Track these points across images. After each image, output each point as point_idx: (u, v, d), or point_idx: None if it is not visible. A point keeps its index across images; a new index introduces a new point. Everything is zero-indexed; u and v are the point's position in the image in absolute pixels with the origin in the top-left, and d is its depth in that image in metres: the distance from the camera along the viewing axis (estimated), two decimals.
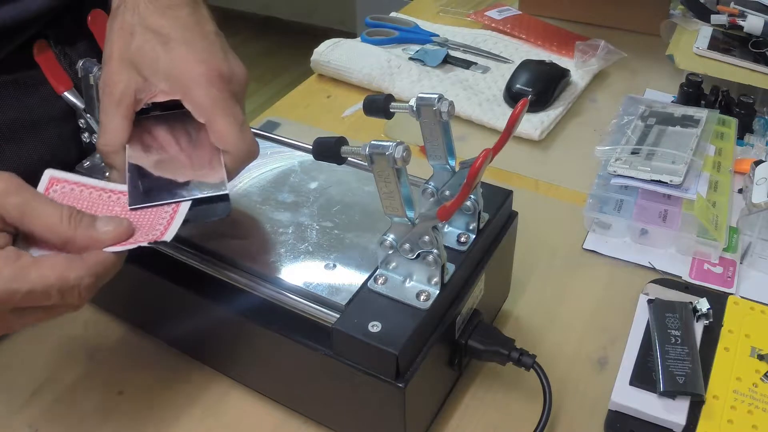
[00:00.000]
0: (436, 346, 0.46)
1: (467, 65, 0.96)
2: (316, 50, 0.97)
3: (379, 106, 0.49)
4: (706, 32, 0.91)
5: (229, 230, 0.53)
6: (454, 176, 0.50)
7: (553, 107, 0.86)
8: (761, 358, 0.53)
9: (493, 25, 1.05)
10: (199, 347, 0.56)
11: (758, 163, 0.69)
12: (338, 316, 0.45)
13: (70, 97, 0.61)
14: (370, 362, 0.44)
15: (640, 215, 0.67)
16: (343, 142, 0.45)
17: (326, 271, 0.49)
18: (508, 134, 0.45)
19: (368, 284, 0.46)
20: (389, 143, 0.41)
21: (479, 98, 0.88)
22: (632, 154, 0.70)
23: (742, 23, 0.89)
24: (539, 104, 0.85)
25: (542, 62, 0.91)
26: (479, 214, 0.50)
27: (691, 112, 0.76)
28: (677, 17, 0.97)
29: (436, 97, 0.46)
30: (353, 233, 0.52)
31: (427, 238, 0.44)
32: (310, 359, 0.46)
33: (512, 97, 0.87)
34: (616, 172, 0.69)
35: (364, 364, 0.44)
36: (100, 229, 0.43)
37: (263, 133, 0.64)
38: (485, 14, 1.08)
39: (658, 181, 0.67)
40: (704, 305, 0.55)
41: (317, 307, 0.46)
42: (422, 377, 0.45)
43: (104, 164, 0.52)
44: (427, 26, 1.06)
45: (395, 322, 0.44)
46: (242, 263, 0.50)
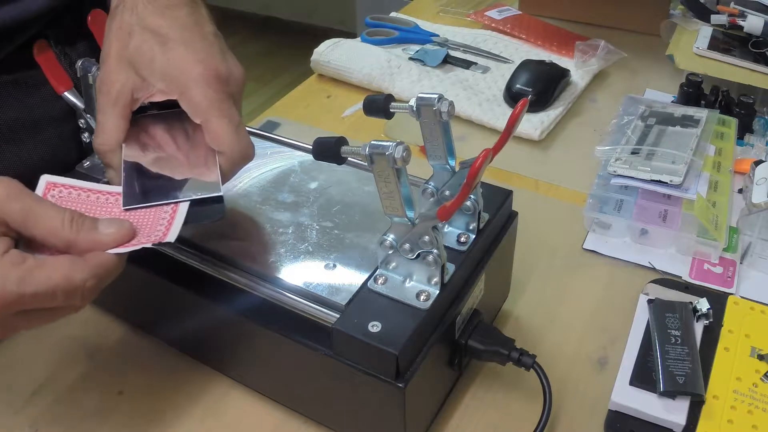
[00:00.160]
0: (436, 346, 0.46)
1: (467, 65, 0.96)
2: (316, 50, 0.97)
3: (379, 106, 0.49)
4: (706, 32, 0.91)
5: (229, 230, 0.53)
6: (454, 176, 0.50)
7: (553, 107, 0.86)
8: (761, 358, 0.53)
9: (493, 25, 1.05)
10: (199, 347, 0.56)
11: (758, 163, 0.69)
12: (338, 316, 0.45)
13: (70, 97, 0.61)
14: (370, 362, 0.44)
15: (640, 215, 0.67)
16: (343, 142, 0.45)
17: (326, 271, 0.49)
18: (508, 134, 0.45)
19: (368, 284, 0.46)
20: (389, 143, 0.41)
21: (479, 98, 0.88)
22: (632, 154, 0.70)
23: (742, 23, 0.89)
24: (539, 104, 0.85)
25: (542, 62, 0.91)
26: (479, 214, 0.50)
27: (691, 112, 0.76)
28: (677, 17, 0.97)
29: (436, 97, 0.46)
30: (353, 233, 0.52)
31: (427, 238, 0.44)
32: (310, 359, 0.46)
33: (512, 97, 0.87)
34: (616, 172, 0.69)
35: (364, 364, 0.44)
36: (102, 231, 0.43)
37: (263, 133, 0.64)
38: (485, 14, 1.08)
39: (658, 181, 0.67)
40: (704, 305, 0.55)
41: (317, 307, 0.46)
42: (422, 377, 0.45)
43: (101, 163, 0.52)
44: (427, 26, 1.06)
45: (395, 322, 0.44)
46: (242, 263, 0.50)
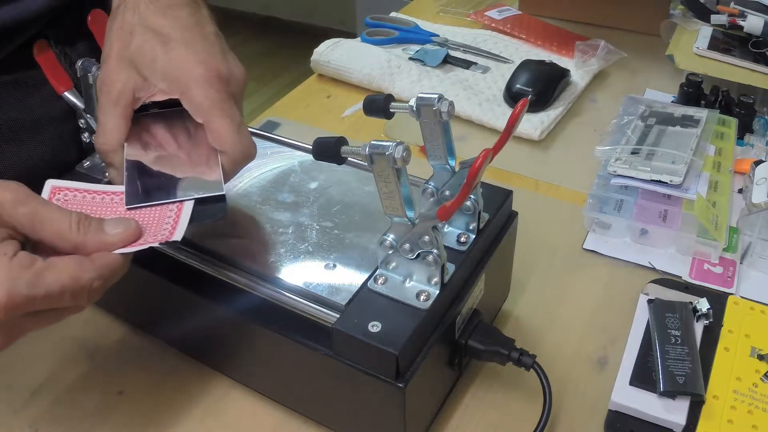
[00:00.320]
0: (436, 346, 0.46)
1: (467, 65, 0.96)
2: (316, 50, 0.97)
3: (379, 106, 0.49)
4: (706, 32, 0.91)
5: (229, 230, 0.53)
6: (454, 176, 0.50)
7: (553, 107, 0.86)
8: (761, 358, 0.53)
9: (493, 25, 1.05)
10: (199, 347, 0.56)
11: (758, 163, 0.69)
12: (338, 316, 0.45)
13: (70, 97, 0.61)
14: (370, 362, 0.44)
15: (640, 215, 0.67)
16: (343, 142, 0.45)
17: (326, 271, 0.49)
18: (508, 134, 0.45)
19: (368, 284, 0.46)
20: (389, 143, 0.41)
21: (479, 98, 0.88)
22: (632, 154, 0.70)
23: (742, 23, 0.89)
24: (539, 104, 0.85)
25: (542, 62, 0.91)
26: (479, 214, 0.50)
27: (691, 112, 0.76)
28: (677, 17, 0.97)
29: (436, 97, 0.46)
30: (353, 233, 0.52)
31: (427, 238, 0.44)
32: (310, 359, 0.46)
33: (512, 97, 0.87)
34: (616, 172, 0.69)
35: (364, 364, 0.44)
36: (109, 232, 0.43)
37: (263, 133, 0.64)
38: (485, 14, 1.08)
39: (658, 181, 0.67)
40: (704, 305, 0.55)
41: (317, 307, 0.46)
42: (422, 377, 0.45)
43: (103, 163, 0.52)
44: (427, 26, 1.06)
45: (395, 322, 0.44)
46: (242, 263, 0.50)
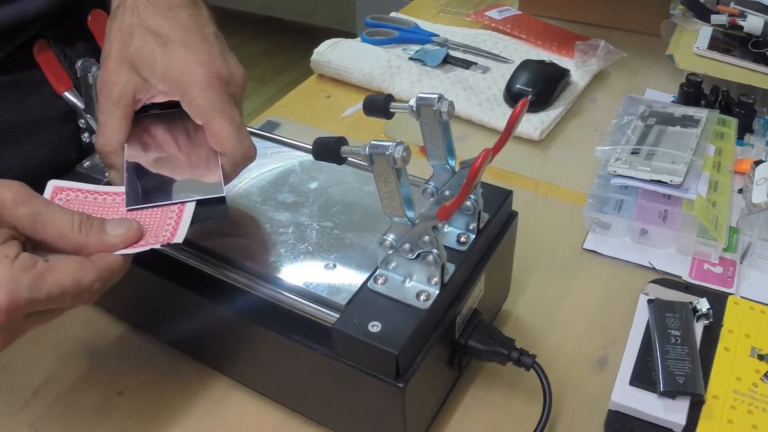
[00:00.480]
0: (436, 346, 0.46)
1: (467, 65, 0.96)
2: (316, 50, 0.97)
3: (379, 106, 0.49)
4: (706, 32, 0.91)
5: (229, 230, 0.53)
6: (454, 176, 0.50)
7: (553, 107, 0.86)
8: (761, 358, 0.53)
9: (493, 25, 1.05)
10: (199, 347, 0.56)
11: (758, 163, 0.69)
12: (338, 316, 0.45)
13: (70, 97, 0.61)
14: (370, 362, 0.44)
15: (640, 215, 0.67)
16: (343, 142, 0.45)
17: (326, 271, 0.49)
18: (508, 134, 0.45)
19: (368, 284, 0.46)
20: (389, 143, 0.41)
21: (479, 98, 0.88)
22: (632, 154, 0.70)
23: (742, 23, 0.89)
24: (539, 104, 0.85)
25: (542, 62, 0.91)
26: (479, 214, 0.50)
27: (691, 112, 0.76)
28: (677, 17, 0.97)
29: (436, 97, 0.46)
30: (353, 233, 0.52)
31: (427, 238, 0.44)
32: (310, 359, 0.46)
33: (512, 97, 0.87)
34: (616, 172, 0.69)
35: (364, 364, 0.44)
36: (110, 233, 0.44)
37: (263, 133, 0.64)
38: (485, 14, 1.08)
39: (658, 181, 0.67)
40: (704, 305, 0.55)
41: (317, 307, 0.46)
42: (422, 377, 0.45)
43: (103, 164, 0.52)
44: (427, 26, 1.06)
45: (395, 322, 0.44)
46: (242, 263, 0.50)
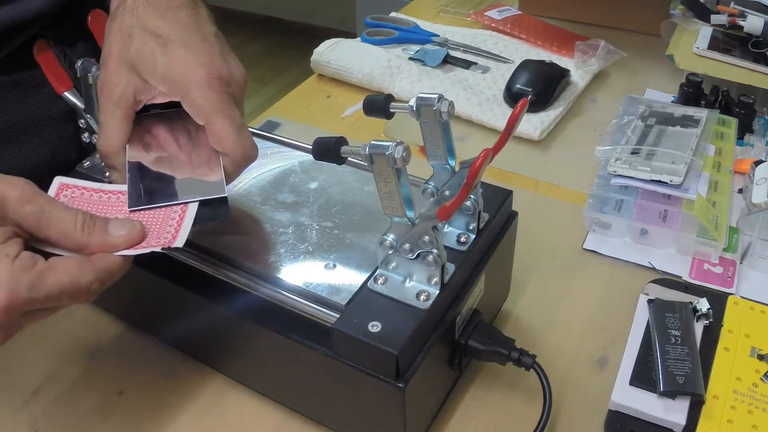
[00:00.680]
0: (436, 346, 0.46)
1: (467, 65, 0.96)
2: (316, 50, 0.97)
3: (379, 106, 0.49)
4: (706, 32, 0.91)
5: (229, 230, 0.53)
6: (454, 176, 0.50)
7: (553, 107, 0.86)
8: (761, 358, 0.53)
9: (493, 25, 1.05)
10: (199, 347, 0.56)
11: (758, 163, 0.69)
12: (338, 316, 0.45)
13: (70, 97, 0.61)
14: (370, 362, 0.44)
15: (640, 215, 0.67)
16: (343, 142, 0.45)
17: (326, 271, 0.49)
18: (508, 134, 0.45)
19: (368, 284, 0.46)
20: (389, 143, 0.41)
21: (479, 98, 0.88)
22: (632, 154, 0.70)
23: (742, 23, 0.89)
24: (539, 104, 0.85)
25: (542, 62, 0.91)
26: (479, 214, 0.50)
27: (691, 112, 0.76)
28: (677, 17, 0.97)
29: (436, 97, 0.46)
30: (353, 233, 0.52)
31: (427, 238, 0.44)
32: (310, 359, 0.46)
33: (512, 97, 0.87)
34: (616, 172, 0.69)
35: (364, 364, 0.44)
36: (113, 233, 0.44)
37: (263, 133, 0.64)
38: (485, 14, 1.08)
39: (658, 181, 0.67)
40: (704, 305, 0.55)
41: (317, 307, 0.46)
42: (422, 377, 0.45)
43: (104, 165, 0.52)
44: (427, 26, 1.06)
45: (395, 322, 0.44)
46: (242, 263, 0.50)
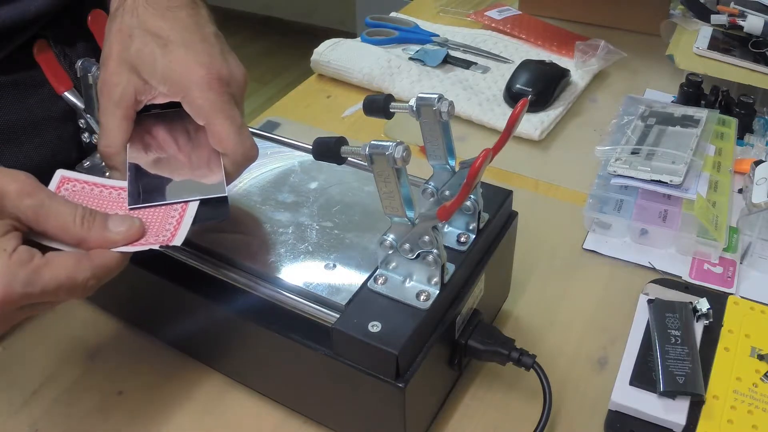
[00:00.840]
0: (436, 346, 0.46)
1: (467, 65, 0.96)
2: (316, 50, 0.97)
3: (379, 106, 0.49)
4: (706, 32, 0.91)
5: (229, 230, 0.53)
6: (454, 176, 0.50)
7: (553, 107, 0.86)
8: (761, 358, 0.53)
9: (493, 25, 1.05)
10: (199, 347, 0.56)
11: (758, 163, 0.69)
12: (338, 316, 0.45)
13: (70, 97, 0.61)
14: (370, 362, 0.44)
15: (640, 215, 0.67)
16: (343, 142, 0.45)
17: (326, 271, 0.49)
18: (508, 134, 0.45)
19: (368, 284, 0.46)
20: (389, 143, 0.41)
21: (479, 98, 0.88)
22: (632, 154, 0.70)
23: (742, 23, 0.89)
24: (539, 104, 0.85)
25: (542, 62, 0.91)
26: (479, 214, 0.50)
27: (691, 112, 0.76)
28: (677, 17, 0.97)
29: (436, 97, 0.46)
30: (353, 233, 0.52)
31: (427, 238, 0.44)
32: (310, 359, 0.46)
33: (512, 97, 0.87)
34: (616, 172, 0.69)
35: (364, 364, 0.44)
36: (112, 229, 0.44)
37: (263, 133, 0.64)
38: (485, 14, 1.08)
39: (658, 181, 0.67)
40: (704, 305, 0.55)
41: (317, 307, 0.46)
42: (422, 377, 0.45)
43: (105, 165, 0.52)
44: (427, 26, 1.06)
45: (395, 322, 0.44)
46: (242, 263, 0.50)
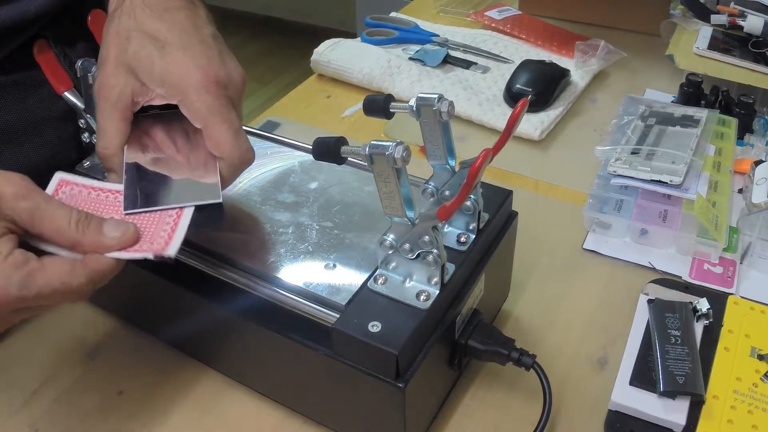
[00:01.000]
0: (436, 346, 0.46)
1: (467, 65, 0.96)
2: (316, 50, 0.97)
3: (379, 106, 0.49)
4: (706, 32, 0.91)
5: (228, 230, 0.53)
6: (454, 176, 0.50)
7: (553, 107, 0.86)
8: (761, 358, 0.53)
9: (493, 25, 1.05)
10: (199, 347, 0.56)
11: (758, 163, 0.69)
12: (338, 316, 0.45)
13: (70, 97, 0.61)
14: (370, 362, 0.44)
15: (640, 215, 0.67)
16: (343, 142, 0.45)
17: (326, 271, 0.49)
18: (508, 134, 0.45)
19: (368, 284, 0.46)
20: (389, 143, 0.41)
21: (479, 98, 0.88)
22: (632, 154, 0.70)
23: (742, 23, 0.89)
24: (539, 104, 0.85)
25: (542, 62, 0.91)
26: (479, 214, 0.50)
27: (691, 112, 0.76)
28: (677, 17, 0.97)
29: (436, 97, 0.46)
30: (353, 233, 0.52)
31: (427, 238, 0.44)
32: (310, 359, 0.46)
33: (512, 97, 0.87)
34: (616, 172, 0.69)
35: (364, 364, 0.44)
36: (107, 234, 0.44)
37: (263, 133, 0.64)
38: (485, 14, 1.08)
39: (658, 181, 0.67)
40: (704, 305, 0.55)
41: (317, 307, 0.46)
42: (422, 377, 0.45)
43: (103, 167, 0.52)
44: (427, 26, 1.06)
45: (395, 322, 0.44)
46: (242, 263, 0.50)
